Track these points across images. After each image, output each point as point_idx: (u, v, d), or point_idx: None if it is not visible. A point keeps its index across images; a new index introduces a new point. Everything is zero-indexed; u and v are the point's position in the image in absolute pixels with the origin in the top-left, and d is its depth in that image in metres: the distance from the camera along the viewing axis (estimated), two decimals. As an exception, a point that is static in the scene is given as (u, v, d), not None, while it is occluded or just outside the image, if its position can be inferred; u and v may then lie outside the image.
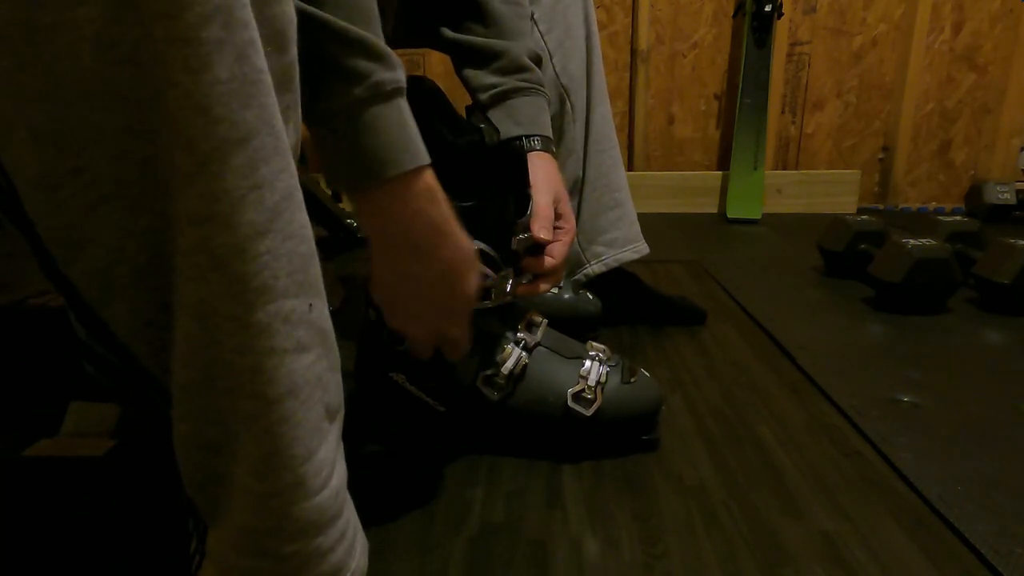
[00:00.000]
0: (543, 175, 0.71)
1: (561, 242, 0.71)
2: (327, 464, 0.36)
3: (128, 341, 0.33)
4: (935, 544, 0.54)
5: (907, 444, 0.68)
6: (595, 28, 0.94)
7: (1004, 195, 1.78)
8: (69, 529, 0.54)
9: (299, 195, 0.32)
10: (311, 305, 0.33)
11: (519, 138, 0.74)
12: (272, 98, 0.30)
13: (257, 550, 0.34)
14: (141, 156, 0.29)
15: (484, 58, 0.74)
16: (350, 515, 0.39)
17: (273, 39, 0.31)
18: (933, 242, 1.08)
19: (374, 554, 0.43)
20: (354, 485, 0.41)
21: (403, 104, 0.46)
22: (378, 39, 0.44)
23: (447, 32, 0.75)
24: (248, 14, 0.28)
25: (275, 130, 0.30)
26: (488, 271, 0.63)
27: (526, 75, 0.75)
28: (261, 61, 0.29)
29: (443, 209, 0.49)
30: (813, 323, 1.03)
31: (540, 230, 0.68)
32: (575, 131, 0.93)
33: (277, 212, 0.30)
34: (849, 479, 0.62)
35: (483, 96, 0.74)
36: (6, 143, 0.28)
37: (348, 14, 0.43)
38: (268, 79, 0.30)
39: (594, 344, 0.71)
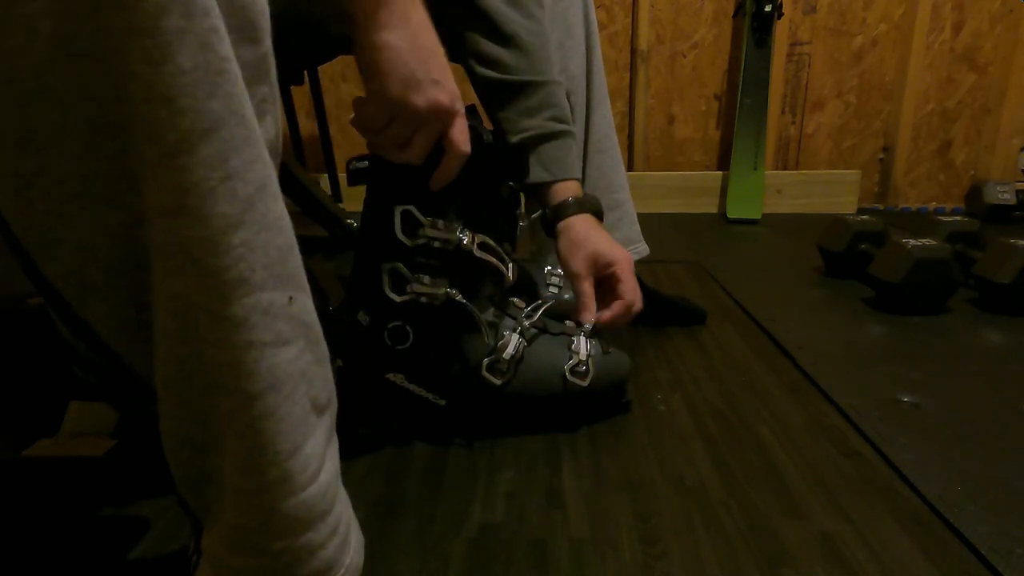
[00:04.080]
0: (571, 246, 0.75)
1: (622, 283, 0.74)
2: (315, 459, 0.35)
3: (109, 340, 0.32)
4: (935, 544, 0.54)
5: (907, 444, 0.68)
6: (595, 28, 0.94)
7: (1004, 195, 1.77)
8: (69, 529, 0.54)
9: (274, 186, 0.32)
10: (291, 298, 0.33)
11: (548, 193, 0.78)
12: (240, 87, 0.29)
13: (247, 548, 0.34)
14: (108, 152, 0.28)
15: (512, 93, 0.76)
16: (343, 510, 0.39)
17: (243, 29, 0.30)
18: (933, 242, 1.08)
19: (374, 554, 0.43)
20: (354, 485, 0.41)
21: None
22: None
23: (476, 67, 0.76)
24: (210, 2, 0.28)
25: (244, 120, 0.29)
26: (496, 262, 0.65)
27: (554, 113, 0.77)
28: (226, 50, 0.28)
29: None
30: (813, 323, 1.03)
31: (582, 316, 0.73)
32: (575, 132, 0.93)
33: (250, 203, 0.30)
34: (849, 479, 0.62)
35: (514, 139, 0.77)
36: None
37: None
38: (234, 68, 0.29)
39: (568, 321, 0.76)
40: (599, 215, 0.79)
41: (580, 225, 0.75)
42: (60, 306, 0.32)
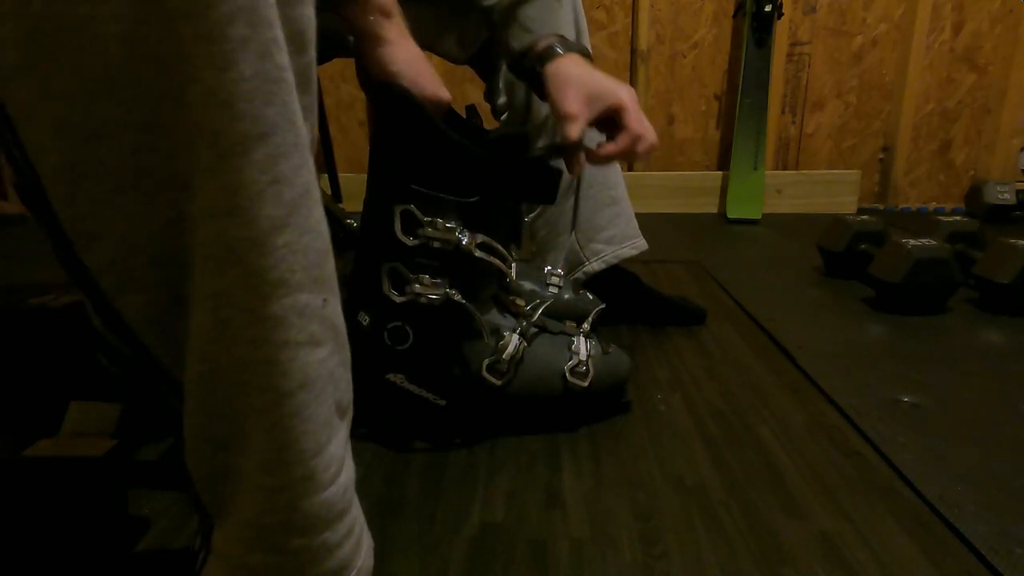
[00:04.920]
0: (565, 81, 0.70)
1: (627, 113, 0.70)
2: (336, 460, 0.36)
3: (141, 332, 0.33)
4: (935, 544, 0.54)
5: (907, 444, 0.68)
6: (585, 29, 0.94)
7: (1004, 195, 1.78)
8: (69, 529, 0.54)
9: (316, 192, 0.33)
10: (325, 300, 0.34)
11: (533, 48, 0.73)
12: (293, 96, 0.31)
13: (265, 545, 0.34)
14: (160, 150, 0.29)
15: None
16: (357, 513, 0.39)
17: (294, 40, 0.31)
18: (933, 242, 1.08)
19: (375, 554, 0.43)
20: (354, 485, 0.41)
21: None
22: None
23: None
24: (273, 13, 0.29)
25: (295, 127, 0.31)
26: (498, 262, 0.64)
27: None
28: (284, 59, 0.30)
29: None
30: (813, 323, 1.03)
31: (569, 130, 0.69)
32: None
33: (295, 207, 0.31)
34: (849, 479, 0.62)
35: (495, 15, 0.73)
36: (31, 134, 0.29)
37: None
38: (290, 77, 0.30)
39: (568, 321, 0.76)
40: (588, 57, 0.75)
41: (571, 63, 0.71)
42: (96, 296, 0.32)
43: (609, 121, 0.71)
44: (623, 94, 0.70)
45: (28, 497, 0.57)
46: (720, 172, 1.98)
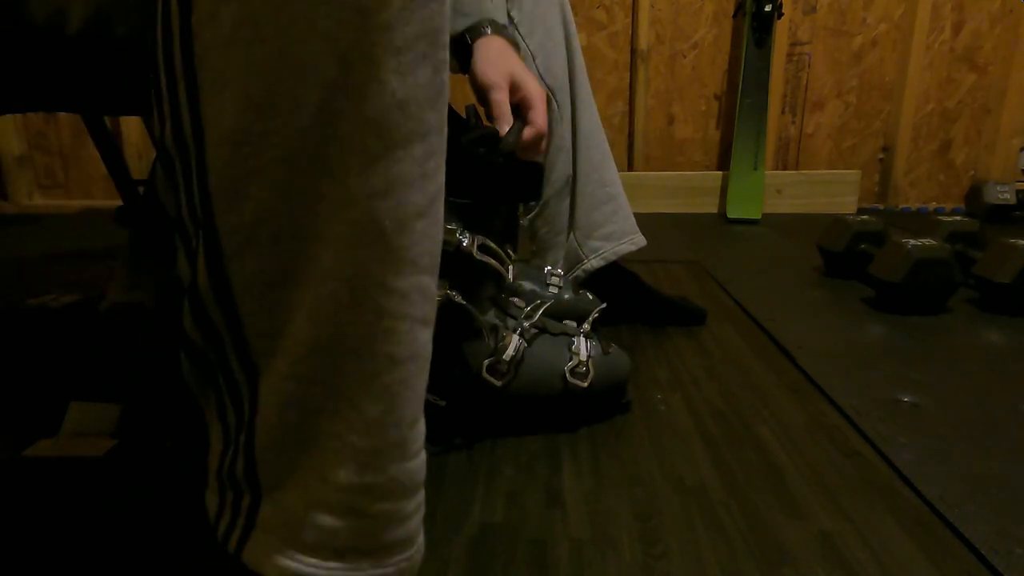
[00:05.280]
0: (488, 60, 0.77)
1: (533, 110, 0.76)
2: (421, 436, 0.38)
3: (240, 297, 0.35)
4: (935, 544, 0.54)
5: (907, 444, 0.68)
6: (573, 29, 0.95)
7: (1004, 195, 1.78)
8: (69, 529, 0.54)
9: (443, 191, 0.37)
10: (436, 287, 0.37)
11: (467, 31, 0.78)
12: (445, 107, 0.35)
13: (347, 506, 0.36)
14: (325, 133, 0.32)
15: None
16: (423, 494, 0.41)
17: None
18: (933, 242, 1.08)
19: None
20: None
21: None
22: None
23: None
24: (447, 39, 0.34)
25: (442, 133, 0.35)
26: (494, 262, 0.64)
27: None
28: (446, 76, 0.35)
29: None
30: (813, 323, 1.03)
31: (500, 123, 0.74)
32: (562, 129, 0.94)
33: (433, 199, 0.35)
34: (849, 479, 0.62)
35: None
36: (216, 99, 0.32)
37: None
38: (447, 91, 0.35)
39: (568, 321, 0.76)
40: (516, 47, 0.81)
41: (497, 44, 0.78)
42: (215, 256, 0.35)
43: (515, 108, 0.77)
44: (533, 90, 0.76)
45: (28, 497, 0.57)
46: (720, 172, 1.98)
